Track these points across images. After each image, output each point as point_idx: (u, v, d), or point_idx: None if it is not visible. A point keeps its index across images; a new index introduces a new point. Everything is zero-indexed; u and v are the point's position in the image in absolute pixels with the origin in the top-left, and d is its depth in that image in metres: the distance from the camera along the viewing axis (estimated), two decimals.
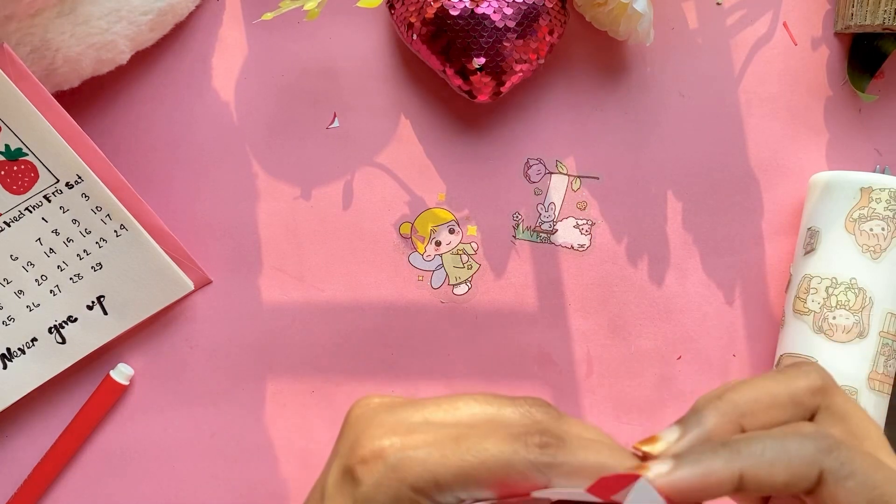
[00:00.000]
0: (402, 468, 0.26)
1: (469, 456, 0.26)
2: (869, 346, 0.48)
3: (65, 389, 0.53)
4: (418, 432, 0.27)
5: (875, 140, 0.53)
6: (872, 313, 0.48)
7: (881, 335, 0.48)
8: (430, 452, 0.26)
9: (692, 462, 0.26)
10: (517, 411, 0.28)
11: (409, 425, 0.28)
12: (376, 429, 0.28)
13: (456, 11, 0.49)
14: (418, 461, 0.26)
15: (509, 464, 0.26)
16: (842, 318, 0.48)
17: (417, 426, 0.28)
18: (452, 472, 0.26)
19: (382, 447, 0.27)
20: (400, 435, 0.27)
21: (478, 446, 0.26)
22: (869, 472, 0.26)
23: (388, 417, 0.28)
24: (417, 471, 0.26)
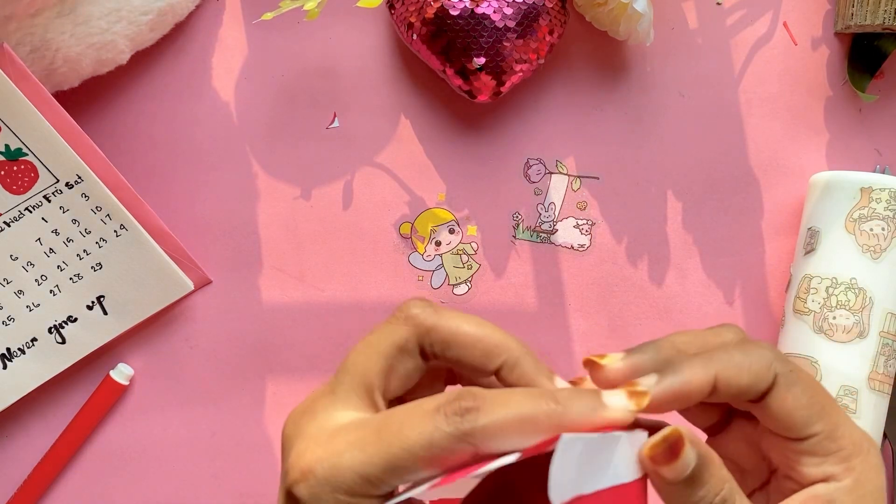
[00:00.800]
0: (332, 478, 0.26)
1: (393, 448, 0.26)
2: (869, 346, 0.48)
3: (65, 389, 0.53)
4: (340, 435, 0.27)
5: (875, 140, 0.53)
6: (872, 313, 0.48)
7: (881, 335, 0.48)
8: (353, 455, 0.26)
9: (674, 372, 0.28)
10: (393, 321, 0.30)
11: (331, 430, 0.28)
12: (301, 444, 0.28)
13: (456, 11, 0.49)
14: (345, 467, 0.26)
15: (433, 443, 0.26)
16: (842, 318, 0.48)
17: (339, 428, 0.28)
18: (381, 468, 0.26)
19: (309, 464, 0.27)
20: (322, 444, 0.27)
21: (399, 435, 0.26)
22: (810, 381, 0.29)
23: (310, 427, 0.28)
24: (347, 476, 0.26)
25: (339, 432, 0.27)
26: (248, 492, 0.53)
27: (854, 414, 0.47)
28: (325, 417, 0.28)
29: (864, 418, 0.47)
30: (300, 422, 0.29)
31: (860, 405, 0.47)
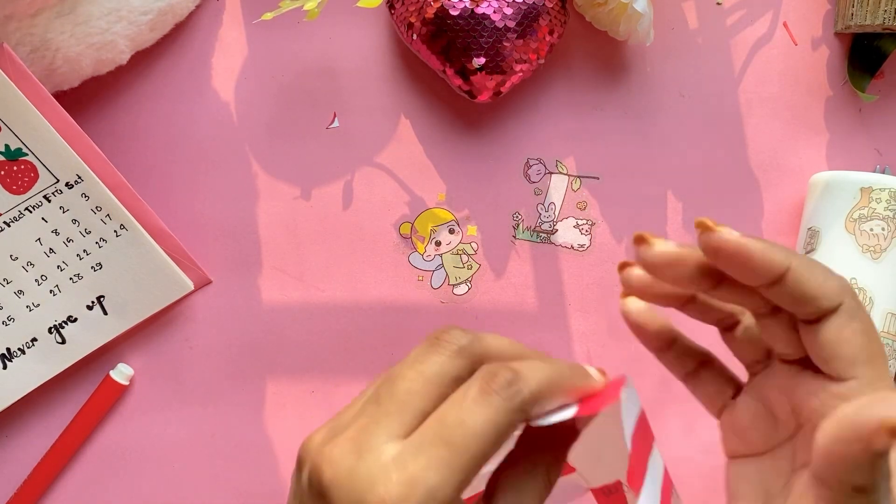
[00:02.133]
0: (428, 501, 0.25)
1: (469, 447, 0.26)
2: None
3: (65, 389, 0.53)
4: (407, 463, 0.26)
5: (875, 140, 0.53)
6: (873, 313, 0.48)
7: (882, 335, 0.48)
8: (440, 474, 0.26)
9: (757, 240, 0.29)
10: (445, 353, 0.28)
11: (395, 459, 0.26)
12: (370, 486, 0.26)
13: (456, 11, 0.49)
14: (436, 488, 0.25)
15: (498, 423, 0.26)
16: None
17: (400, 455, 0.26)
18: (466, 471, 0.26)
19: (395, 496, 0.25)
20: (396, 480, 0.26)
21: (465, 431, 0.26)
22: (870, 326, 0.28)
23: (366, 466, 0.26)
24: (442, 495, 0.25)
25: (404, 461, 0.26)
26: (247, 492, 0.53)
27: None
28: (378, 449, 0.27)
29: None
30: (343, 460, 0.27)
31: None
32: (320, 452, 0.27)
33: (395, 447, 0.27)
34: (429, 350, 0.29)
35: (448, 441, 0.26)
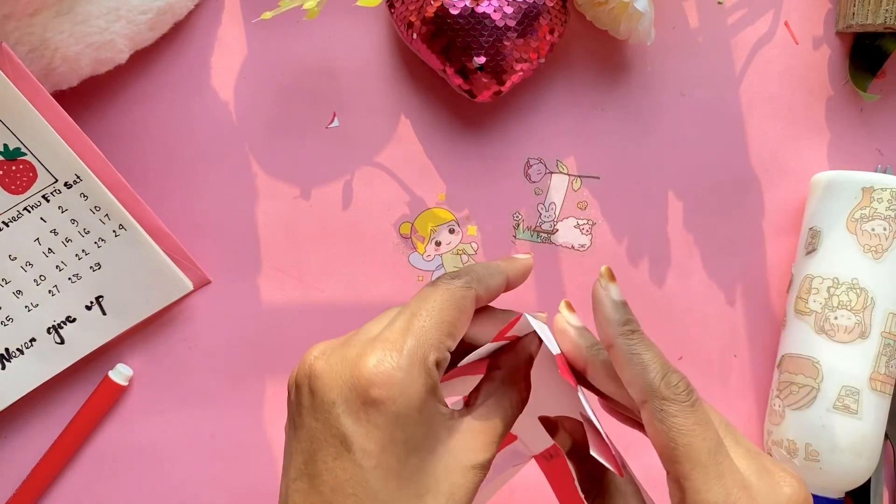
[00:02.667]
0: (413, 353, 0.31)
1: (436, 311, 0.33)
2: (870, 347, 0.48)
3: (63, 390, 0.53)
4: (386, 334, 0.32)
5: (877, 140, 0.53)
6: (874, 313, 0.48)
7: (883, 335, 0.48)
8: (424, 327, 0.32)
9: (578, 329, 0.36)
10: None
11: (378, 337, 0.33)
12: (354, 355, 0.32)
13: (456, 10, 0.48)
14: (413, 341, 0.32)
15: (453, 296, 0.34)
16: (843, 318, 0.48)
17: (378, 336, 0.33)
18: (444, 329, 0.33)
19: (381, 353, 0.31)
20: (384, 340, 0.32)
21: (431, 302, 0.33)
22: (683, 422, 0.32)
23: (352, 348, 0.32)
24: (427, 344, 0.32)
25: (383, 334, 0.33)
26: (247, 492, 0.53)
27: (855, 415, 0.47)
28: (362, 333, 0.34)
29: (866, 419, 0.47)
30: (334, 350, 0.33)
31: (861, 406, 0.47)
32: (308, 358, 0.33)
33: (373, 329, 0.34)
34: (458, 285, 0.35)
35: (416, 313, 0.33)
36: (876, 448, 0.48)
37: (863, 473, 0.48)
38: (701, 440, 0.31)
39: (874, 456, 0.48)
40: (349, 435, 0.30)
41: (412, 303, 0.34)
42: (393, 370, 0.31)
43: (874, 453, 0.48)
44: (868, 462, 0.48)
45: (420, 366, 0.31)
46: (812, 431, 0.48)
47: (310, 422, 0.32)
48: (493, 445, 0.33)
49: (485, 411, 0.34)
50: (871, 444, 0.48)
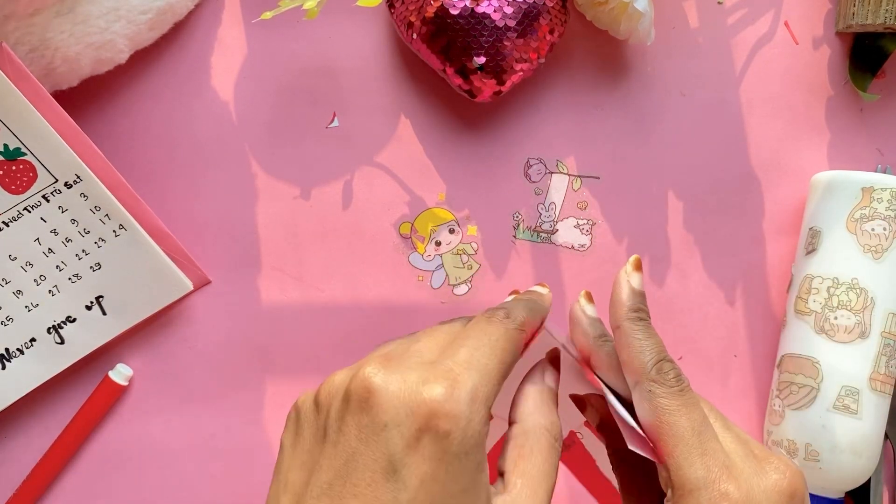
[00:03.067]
0: (476, 391, 0.30)
1: (494, 357, 0.31)
2: (870, 347, 0.48)
3: (63, 390, 0.53)
4: (446, 364, 0.31)
5: (877, 140, 0.53)
6: (874, 314, 0.48)
7: (883, 335, 0.48)
8: (476, 373, 0.31)
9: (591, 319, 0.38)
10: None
11: (435, 365, 0.31)
12: (416, 379, 0.30)
13: (456, 10, 0.48)
14: (477, 378, 0.30)
15: (510, 338, 0.33)
16: (843, 318, 0.48)
17: (437, 362, 0.31)
18: (501, 371, 0.32)
19: (448, 385, 0.29)
20: (448, 371, 0.30)
21: (490, 343, 0.32)
22: (671, 404, 0.33)
23: (411, 371, 0.30)
24: (489, 385, 0.30)
25: (444, 366, 0.31)
26: (247, 493, 0.53)
27: (855, 415, 0.47)
28: (417, 354, 0.33)
29: (866, 419, 0.47)
30: (391, 374, 0.31)
31: (861, 406, 0.47)
32: (357, 376, 0.31)
33: (430, 352, 0.33)
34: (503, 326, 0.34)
35: (477, 346, 0.32)
36: (876, 448, 0.48)
37: (863, 473, 0.48)
38: (686, 419, 0.32)
39: (874, 456, 0.48)
40: (396, 461, 0.28)
41: (471, 333, 0.33)
42: (459, 405, 0.29)
43: (874, 453, 0.48)
44: (868, 462, 0.48)
45: (483, 406, 0.30)
46: (812, 431, 0.48)
47: (351, 439, 0.29)
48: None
49: (521, 497, 0.31)
50: (870, 444, 0.48)
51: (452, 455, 0.28)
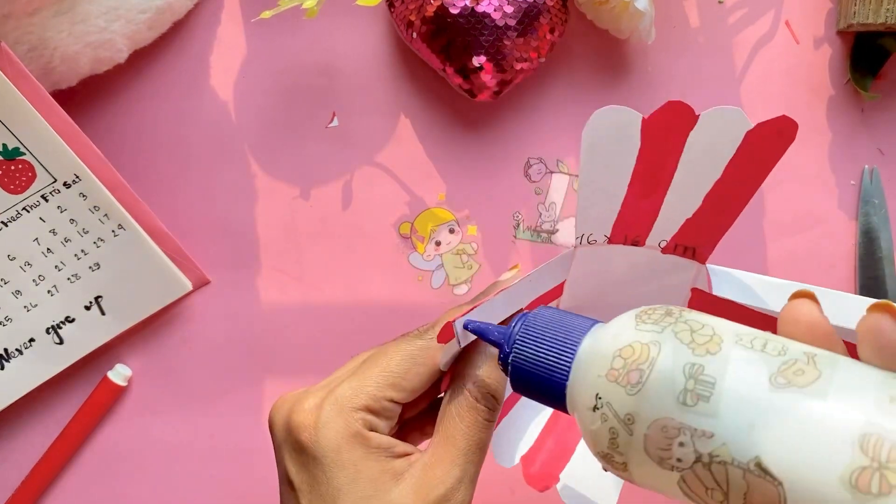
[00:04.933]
0: (331, 399, 0.33)
1: (396, 362, 0.34)
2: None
3: (62, 390, 0.53)
4: (329, 379, 0.35)
5: (877, 139, 0.53)
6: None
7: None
8: (366, 374, 0.34)
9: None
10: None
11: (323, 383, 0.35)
12: (299, 397, 0.34)
13: (456, 10, 0.48)
14: (359, 385, 0.33)
15: (415, 348, 0.34)
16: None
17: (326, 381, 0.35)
18: (387, 381, 0.34)
19: (318, 397, 0.33)
20: (323, 386, 0.34)
21: (389, 355, 0.34)
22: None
23: (305, 391, 0.34)
24: (368, 388, 0.33)
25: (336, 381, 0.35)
26: (246, 493, 0.53)
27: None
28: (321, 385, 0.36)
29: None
30: (288, 401, 0.36)
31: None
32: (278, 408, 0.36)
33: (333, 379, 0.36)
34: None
35: (369, 360, 0.35)
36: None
37: None
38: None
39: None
40: (291, 476, 0.33)
41: (374, 351, 0.35)
42: (315, 415, 0.32)
43: None
44: None
45: (344, 412, 0.32)
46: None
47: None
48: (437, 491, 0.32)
49: (429, 458, 0.33)
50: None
51: (313, 460, 0.32)
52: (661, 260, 0.38)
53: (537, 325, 0.29)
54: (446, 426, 0.33)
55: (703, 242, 0.37)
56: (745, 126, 0.33)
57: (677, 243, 0.37)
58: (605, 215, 0.36)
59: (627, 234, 0.38)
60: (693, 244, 0.37)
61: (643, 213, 0.37)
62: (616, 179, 0.35)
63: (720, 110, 0.34)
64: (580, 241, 0.37)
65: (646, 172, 0.35)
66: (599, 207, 0.36)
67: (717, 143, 0.34)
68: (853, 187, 0.53)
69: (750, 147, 0.34)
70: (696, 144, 0.34)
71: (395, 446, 0.33)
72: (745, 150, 0.34)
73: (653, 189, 0.36)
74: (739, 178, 0.34)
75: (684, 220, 0.36)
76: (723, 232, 0.36)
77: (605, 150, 0.35)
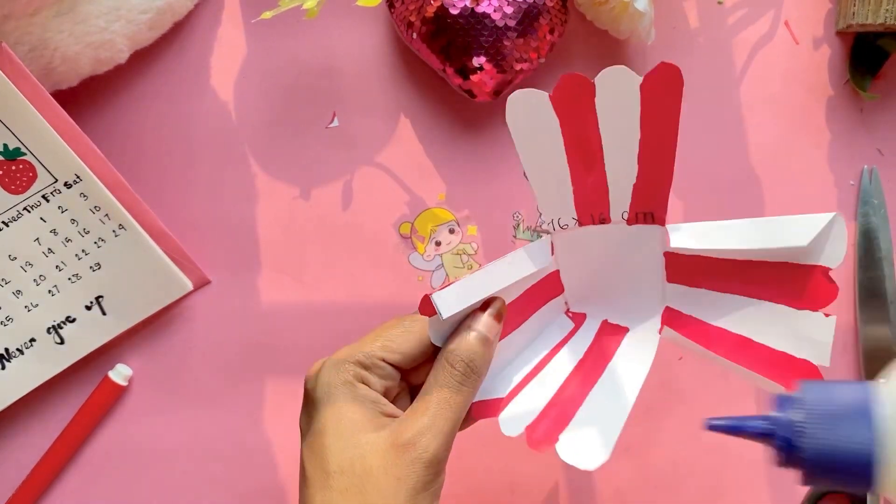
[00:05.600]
0: (335, 357, 0.38)
1: (388, 328, 0.39)
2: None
3: (63, 390, 0.53)
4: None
5: (877, 140, 0.53)
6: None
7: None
8: (362, 339, 0.39)
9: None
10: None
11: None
12: (311, 365, 0.39)
13: (456, 10, 0.48)
14: (355, 346, 0.38)
15: (405, 319, 0.39)
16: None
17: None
18: (379, 344, 0.38)
19: (327, 358, 0.38)
20: (336, 351, 0.39)
21: (385, 325, 0.40)
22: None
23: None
24: (364, 348, 0.38)
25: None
26: (247, 493, 0.53)
27: None
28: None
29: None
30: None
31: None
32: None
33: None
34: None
35: (371, 332, 0.40)
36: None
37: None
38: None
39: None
40: (301, 423, 0.38)
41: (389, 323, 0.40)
42: (318, 367, 0.38)
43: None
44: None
45: (339, 364, 0.37)
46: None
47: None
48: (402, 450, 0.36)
49: (406, 412, 0.37)
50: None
51: (311, 403, 0.37)
52: (630, 232, 0.40)
53: (813, 405, 0.28)
54: (424, 387, 0.38)
55: (656, 205, 0.39)
56: (635, 81, 0.36)
57: (636, 211, 0.39)
58: (563, 196, 0.39)
59: (592, 213, 0.40)
60: (649, 209, 0.39)
61: (594, 188, 0.39)
62: (554, 159, 0.38)
63: (609, 71, 0.36)
64: (553, 227, 0.40)
65: (577, 147, 0.37)
66: (554, 190, 0.39)
67: (620, 104, 0.36)
68: (852, 187, 0.53)
69: (649, 100, 0.36)
70: (605, 109, 0.36)
71: (382, 402, 0.37)
72: (647, 105, 0.36)
73: (591, 162, 0.38)
74: (655, 132, 0.36)
75: (632, 187, 0.38)
76: (667, 189, 0.38)
77: (532, 134, 0.37)
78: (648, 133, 0.37)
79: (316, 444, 0.36)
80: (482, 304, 0.38)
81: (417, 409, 0.37)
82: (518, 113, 0.37)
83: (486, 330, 0.38)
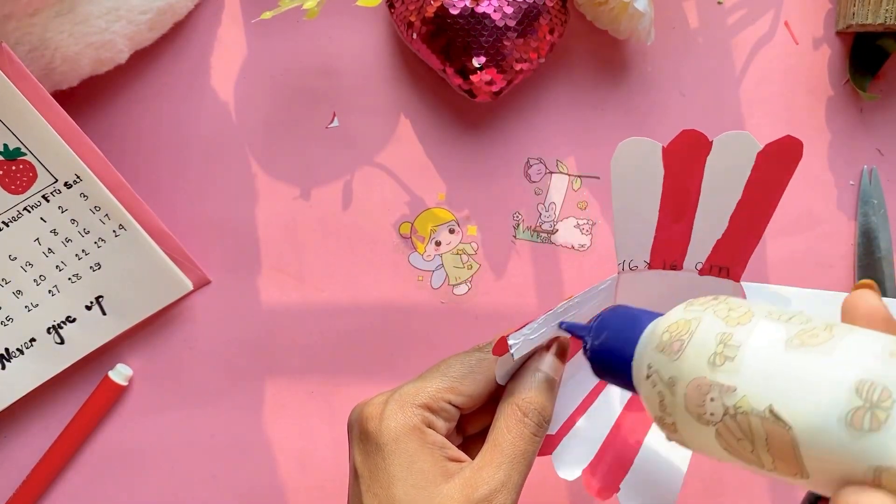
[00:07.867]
0: (396, 396, 0.36)
1: (455, 368, 0.38)
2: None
3: (63, 390, 0.53)
4: (403, 384, 0.37)
5: (876, 140, 0.53)
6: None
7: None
8: (427, 377, 0.37)
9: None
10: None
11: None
12: (373, 399, 0.37)
13: (456, 10, 0.48)
14: (421, 386, 0.37)
15: (473, 358, 0.38)
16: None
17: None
18: (446, 385, 0.37)
19: (387, 395, 0.37)
20: (395, 389, 0.37)
21: (450, 363, 0.38)
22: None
23: (377, 395, 0.38)
24: (429, 390, 0.37)
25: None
26: (247, 493, 0.53)
27: None
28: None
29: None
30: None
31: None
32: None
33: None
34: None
35: (434, 369, 0.38)
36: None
37: None
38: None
39: None
40: (356, 464, 0.36)
41: (440, 362, 0.39)
42: (381, 408, 0.36)
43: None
44: None
45: (405, 407, 0.36)
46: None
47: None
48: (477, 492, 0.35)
49: (478, 462, 0.36)
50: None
51: (375, 447, 0.35)
52: (699, 281, 0.41)
53: (612, 319, 0.34)
54: (495, 436, 0.36)
55: (735, 261, 0.40)
56: (755, 147, 0.36)
57: (712, 264, 0.40)
58: (642, 241, 0.39)
59: (665, 259, 0.40)
60: (726, 264, 0.40)
61: (677, 237, 0.39)
62: (647, 206, 0.38)
63: (731, 135, 0.36)
64: (622, 268, 0.40)
65: (673, 198, 0.38)
66: (636, 234, 0.39)
67: (732, 165, 0.37)
68: (852, 187, 0.53)
69: (763, 167, 0.36)
70: (715, 168, 0.37)
71: (449, 448, 0.36)
72: (759, 171, 0.37)
73: (682, 213, 0.38)
74: (758, 197, 0.37)
75: (715, 242, 0.39)
76: (751, 249, 0.39)
77: (632, 179, 0.37)
78: (751, 195, 0.37)
79: (383, 495, 0.35)
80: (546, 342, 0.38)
81: (492, 461, 0.35)
82: (626, 157, 0.37)
83: (553, 371, 0.37)
